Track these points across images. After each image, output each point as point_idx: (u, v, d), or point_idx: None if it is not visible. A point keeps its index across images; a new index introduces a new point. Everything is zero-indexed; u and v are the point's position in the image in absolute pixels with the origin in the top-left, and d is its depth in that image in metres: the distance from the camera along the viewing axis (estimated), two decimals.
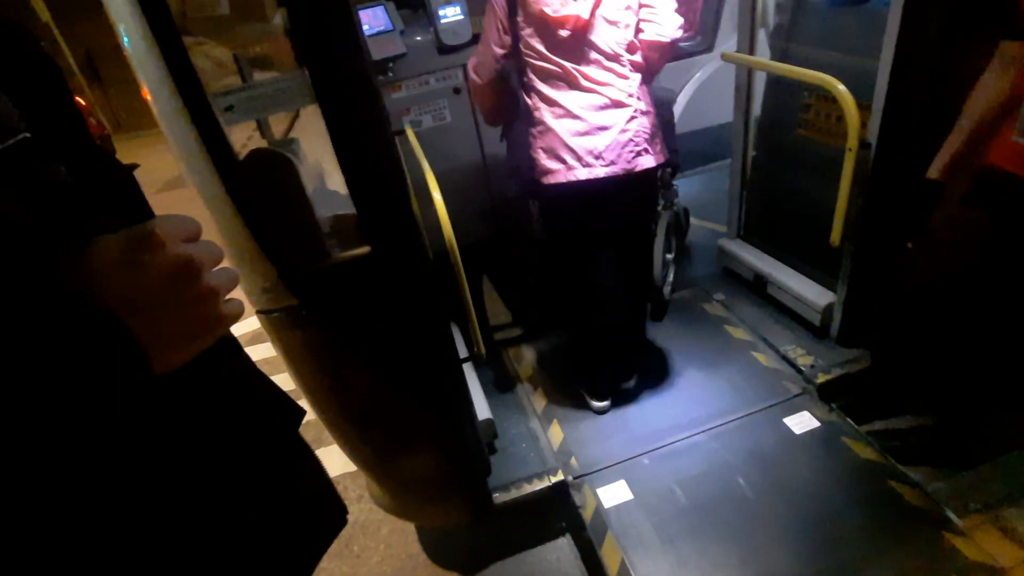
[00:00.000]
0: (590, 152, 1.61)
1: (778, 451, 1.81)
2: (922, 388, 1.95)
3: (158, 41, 0.89)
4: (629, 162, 1.64)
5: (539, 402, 2.13)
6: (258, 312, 1.23)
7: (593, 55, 1.58)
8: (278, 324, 1.23)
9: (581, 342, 2.08)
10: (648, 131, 1.65)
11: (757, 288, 2.41)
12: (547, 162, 1.65)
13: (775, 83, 2.21)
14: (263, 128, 1.41)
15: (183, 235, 0.43)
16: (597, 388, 2.06)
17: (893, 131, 1.62)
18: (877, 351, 1.99)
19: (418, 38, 2.32)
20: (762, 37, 2.21)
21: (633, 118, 1.62)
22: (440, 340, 1.37)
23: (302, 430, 0.72)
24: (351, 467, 1.63)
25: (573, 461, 1.87)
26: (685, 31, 1.67)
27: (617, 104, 1.61)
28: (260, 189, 1.09)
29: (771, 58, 2.16)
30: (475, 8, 2.31)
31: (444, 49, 2.30)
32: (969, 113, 1.33)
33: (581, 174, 1.63)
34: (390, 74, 2.26)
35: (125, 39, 0.95)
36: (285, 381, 1.47)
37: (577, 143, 1.61)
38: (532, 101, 1.66)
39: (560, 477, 1.79)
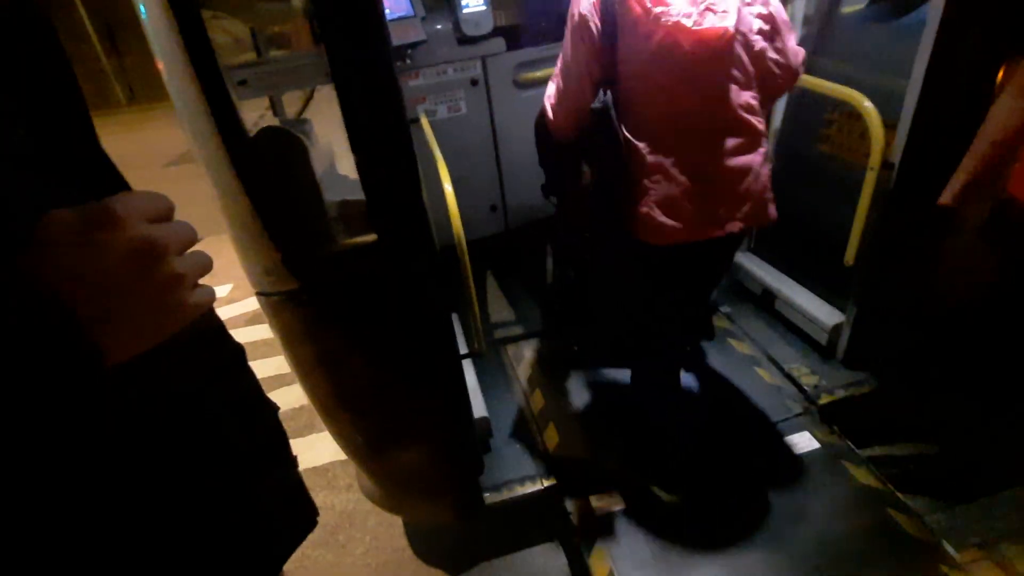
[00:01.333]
0: (722, 206, 1.34)
1: (776, 470, 1.78)
2: (927, 415, 1.92)
3: (175, 11, 0.87)
4: (760, 212, 1.37)
5: (536, 403, 2.10)
6: (257, 294, 1.20)
7: (730, 83, 1.27)
8: (277, 307, 1.21)
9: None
10: (770, 175, 1.40)
11: (765, 303, 2.38)
12: (665, 219, 1.33)
13: (798, 95, 2.17)
14: (276, 107, 1.38)
15: (149, 214, 0.39)
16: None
17: (918, 153, 1.59)
18: (884, 375, 1.96)
19: (438, 26, 2.29)
20: None
21: (766, 161, 1.36)
22: (441, 334, 1.35)
23: (295, 416, 0.70)
24: (342, 455, 1.61)
25: (567, 466, 1.84)
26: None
27: (752, 144, 1.33)
28: (268, 168, 1.06)
29: None
30: (498, 0, 2.28)
31: (464, 39, 2.27)
32: (984, 137, 1.28)
33: (711, 232, 1.35)
34: (408, 61, 2.23)
35: (141, 7, 0.92)
36: (280, 365, 1.45)
37: (707, 195, 1.32)
38: (641, 144, 1.31)
39: (553, 481, 1.76)
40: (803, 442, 1.85)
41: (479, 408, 1.85)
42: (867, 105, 1.60)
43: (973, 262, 1.47)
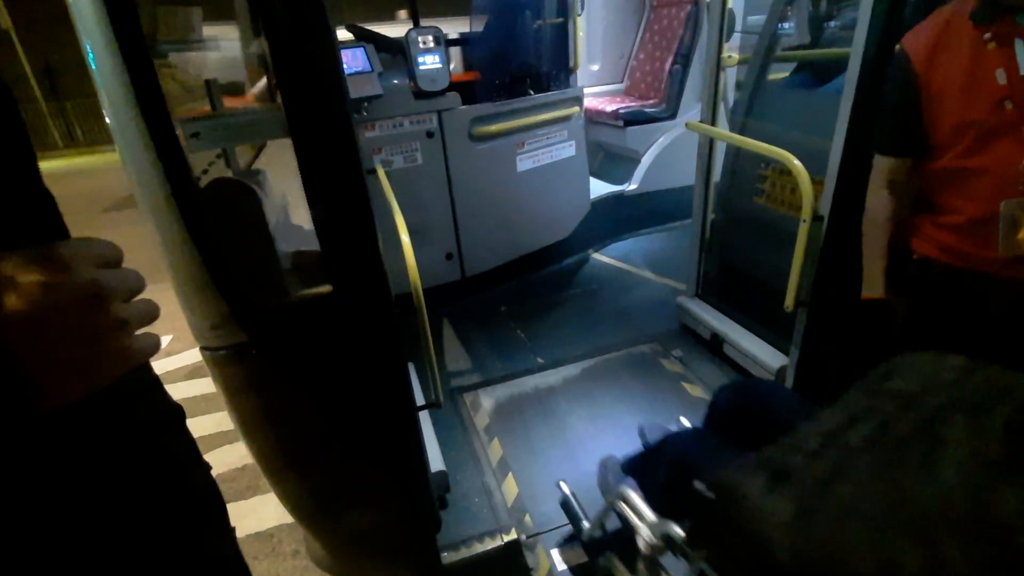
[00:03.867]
0: None
1: None
2: None
3: (125, 59, 0.86)
4: None
5: (495, 454, 2.06)
6: (202, 348, 1.14)
7: None
8: (223, 361, 1.15)
9: None
10: None
11: (714, 346, 2.46)
12: None
13: (735, 153, 2.33)
14: (228, 157, 1.36)
15: (97, 260, 0.39)
16: None
17: (844, 205, 1.72)
18: None
19: (395, 81, 2.36)
20: (723, 110, 2.35)
21: None
22: (397, 386, 1.32)
23: (236, 477, 0.67)
24: (288, 519, 1.51)
25: (527, 519, 1.80)
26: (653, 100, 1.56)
27: None
28: (220, 219, 1.03)
29: (730, 130, 2.29)
30: (453, 57, 2.38)
31: (421, 94, 2.34)
32: (868, 225, 1.49)
33: None
34: (364, 113, 2.27)
35: (90, 55, 0.90)
36: (221, 422, 1.37)
37: None
38: None
39: (513, 536, 1.70)
40: None
41: (436, 462, 1.79)
42: (796, 164, 1.73)
43: (880, 314, 1.56)
